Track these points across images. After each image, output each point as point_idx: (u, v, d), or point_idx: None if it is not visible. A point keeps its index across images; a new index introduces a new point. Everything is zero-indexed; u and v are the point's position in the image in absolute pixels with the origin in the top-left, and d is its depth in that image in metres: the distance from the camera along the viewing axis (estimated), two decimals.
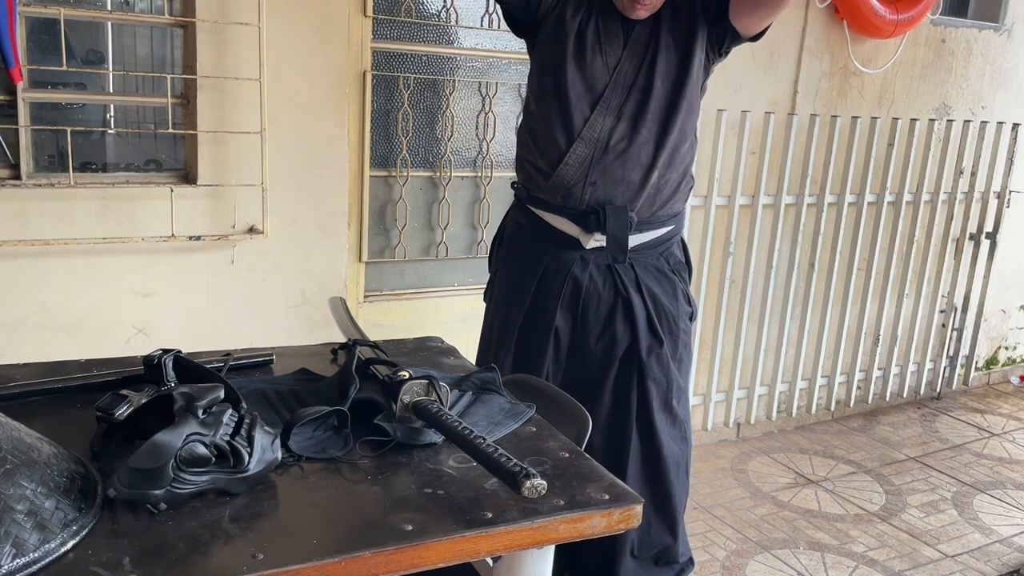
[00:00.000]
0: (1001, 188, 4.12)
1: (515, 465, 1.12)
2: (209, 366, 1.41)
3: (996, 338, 4.61)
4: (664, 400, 2.09)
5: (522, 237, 2.14)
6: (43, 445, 1.07)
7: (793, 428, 3.85)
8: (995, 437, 3.92)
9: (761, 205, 3.39)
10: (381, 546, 1.04)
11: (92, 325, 2.34)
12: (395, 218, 2.84)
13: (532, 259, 2.09)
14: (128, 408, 1.19)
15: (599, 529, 1.18)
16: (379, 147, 2.76)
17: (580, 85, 1.97)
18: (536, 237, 2.10)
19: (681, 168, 2.07)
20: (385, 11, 2.68)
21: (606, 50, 1.98)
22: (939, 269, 4.07)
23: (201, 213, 2.41)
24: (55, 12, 2.16)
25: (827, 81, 3.55)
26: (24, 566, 0.94)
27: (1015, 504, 3.28)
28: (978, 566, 2.83)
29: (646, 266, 2.07)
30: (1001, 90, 4.13)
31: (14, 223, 2.21)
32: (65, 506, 1.01)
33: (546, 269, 2.07)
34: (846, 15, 3.44)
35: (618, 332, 2.06)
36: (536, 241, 2.10)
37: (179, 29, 2.38)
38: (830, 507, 3.16)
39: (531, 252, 2.11)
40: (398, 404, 1.30)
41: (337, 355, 1.68)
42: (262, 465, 1.15)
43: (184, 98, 2.38)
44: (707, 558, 2.76)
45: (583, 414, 1.54)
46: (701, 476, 3.28)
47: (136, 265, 2.37)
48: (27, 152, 2.24)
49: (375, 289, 2.87)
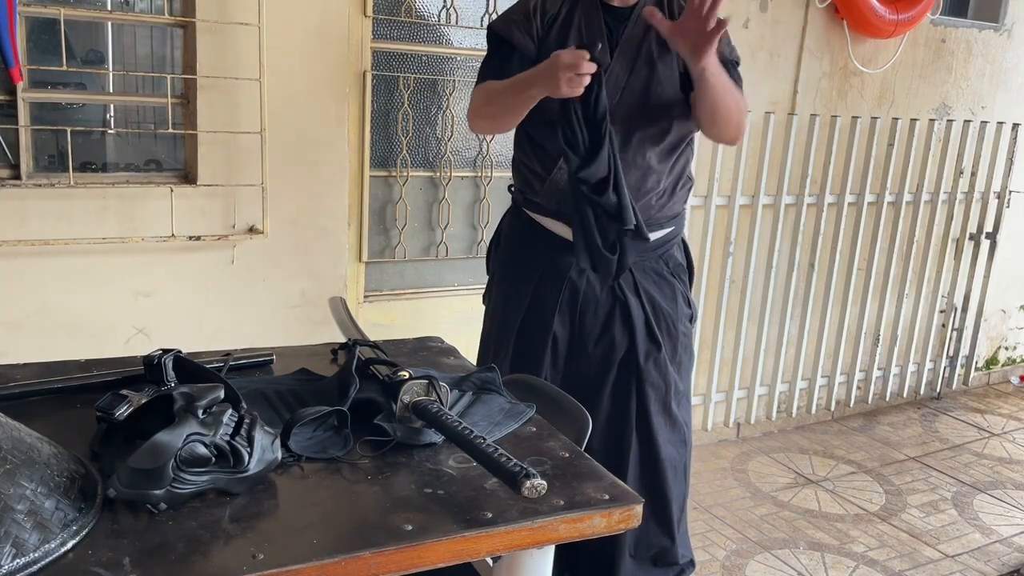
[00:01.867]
0: (1001, 188, 4.12)
1: (515, 465, 1.12)
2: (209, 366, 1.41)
3: (996, 338, 4.61)
4: (663, 404, 2.08)
5: (519, 241, 2.13)
6: (43, 445, 1.07)
7: (793, 428, 3.85)
8: (995, 437, 3.92)
9: (761, 205, 3.39)
10: (381, 546, 1.04)
11: (92, 325, 2.34)
12: (395, 218, 2.84)
13: (529, 263, 2.08)
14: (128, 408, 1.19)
15: (599, 529, 1.18)
16: (379, 147, 2.76)
17: None
18: (533, 241, 2.08)
19: (678, 169, 2.04)
20: (385, 11, 2.68)
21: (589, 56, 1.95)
22: (939, 269, 4.08)
23: (201, 213, 2.41)
24: (55, 12, 2.16)
25: (827, 81, 3.55)
26: (24, 566, 0.93)
27: (1015, 504, 3.28)
28: (978, 566, 2.83)
29: (644, 269, 2.05)
30: (1001, 90, 4.13)
31: (14, 223, 2.21)
32: (65, 506, 1.01)
33: (543, 273, 2.05)
34: (846, 15, 3.44)
35: (616, 337, 2.04)
36: (533, 245, 2.08)
37: (179, 29, 2.38)
38: (830, 507, 3.16)
39: (528, 256, 2.09)
40: (398, 404, 1.30)
41: (337, 355, 1.68)
42: (262, 465, 1.15)
43: (184, 98, 2.38)
44: (707, 558, 2.76)
45: (583, 414, 1.54)
46: (701, 476, 3.28)
47: (136, 265, 2.37)
48: (27, 152, 2.24)
49: (375, 289, 2.87)
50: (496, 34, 2.02)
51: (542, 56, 1.98)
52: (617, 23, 1.98)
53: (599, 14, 1.97)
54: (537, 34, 1.98)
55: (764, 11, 3.29)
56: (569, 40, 1.96)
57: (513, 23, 2.00)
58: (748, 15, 3.25)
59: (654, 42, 1.96)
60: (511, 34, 1.99)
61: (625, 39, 1.96)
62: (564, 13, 1.99)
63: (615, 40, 1.97)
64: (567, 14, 1.99)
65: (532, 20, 1.98)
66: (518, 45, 1.98)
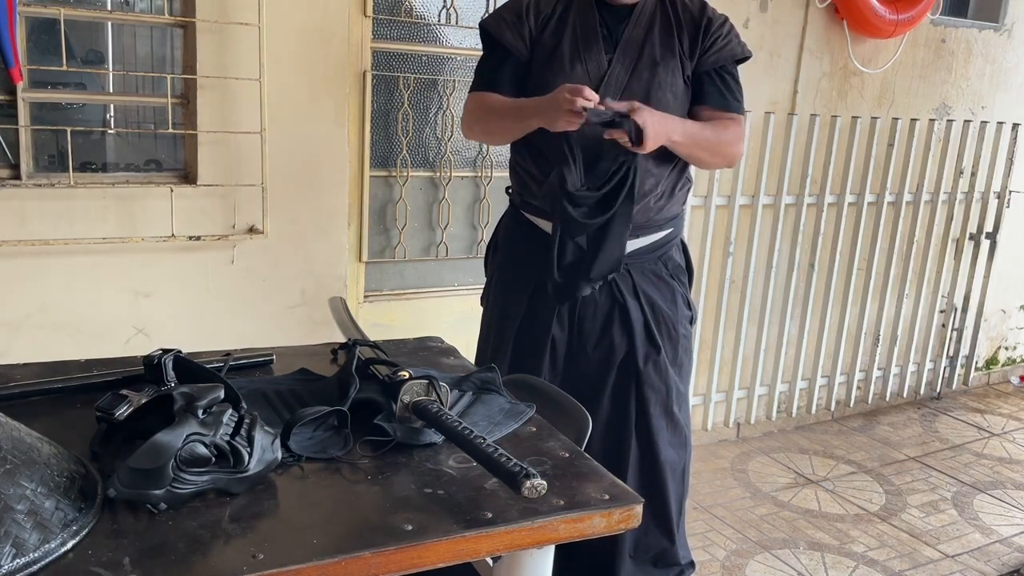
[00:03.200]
0: (1001, 188, 4.12)
1: (515, 465, 1.12)
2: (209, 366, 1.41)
3: (996, 338, 4.61)
4: (664, 407, 2.07)
5: (516, 243, 2.12)
6: (43, 445, 1.07)
7: (793, 428, 3.85)
8: (995, 437, 3.92)
9: (761, 205, 3.39)
10: (381, 546, 1.04)
11: (92, 325, 2.34)
12: (395, 218, 2.84)
13: (527, 265, 2.06)
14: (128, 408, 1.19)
15: (599, 529, 1.18)
16: (379, 147, 2.76)
17: None
18: (531, 243, 2.06)
19: (677, 171, 2.03)
20: (385, 11, 2.68)
21: (585, 57, 1.94)
22: (939, 269, 4.07)
23: (201, 213, 2.41)
24: (55, 12, 2.16)
25: (827, 81, 3.55)
26: (24, 566, 0.93)
27: (1015, 504, 3.28)
28: (978, 566, 2.83)
29: (643, 272, 2.04)
30: (1001, 90, 4.13)
31: (14, 223, 2.21)
32: (65, 506, 1.01)
33: (541, 276, 2.03)
34: (846, 15, 3.44)
35: (615, 339, 2.03)
36: (531, 247, 2.06)
37: (179, 29, 2.38)
38: (830, 507, 3.16)
39: (526, 258, 2.07)
40: (398, 404, 1.30)
41: (337, 355, 1.68)
42: (262, 465, 1.15)
43: (184, 98, 2.38)
44: (707, 558, 2.76)
45: (583, 414, 1.54)
46: (701, 476, 3.28)
47: (136, 265, 2.37)
48: (27, 152, 2.24)
49: (375, 289, 2.87)
50: (488, 35, 2.02)
51: (535, 58, 1.97)
52: (616, 22, 1.96)
53: (594, 14, 1.96)
54: (530, 35, 1.97)
55: (764, 11, 3.29)
56: (564, 41, 1.95)
57: (505, 24, 1.99)
58: (748, 15, 3.25)
59: (656, 44, 1.95)
60: (502, 36, 1.98)
61: (626, 40, 1.95)
62: (559, 13, 1.98)
63: (615, 40, 1.96)
64: (562, 13, 1.98)
65: (524, 21, 1.97)
66: (510, 47, 1.98)
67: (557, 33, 1.96)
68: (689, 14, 1.99)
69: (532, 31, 1.97)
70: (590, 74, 1.93)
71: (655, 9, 1.98)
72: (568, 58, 1.94)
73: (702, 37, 1.97)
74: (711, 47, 1.97)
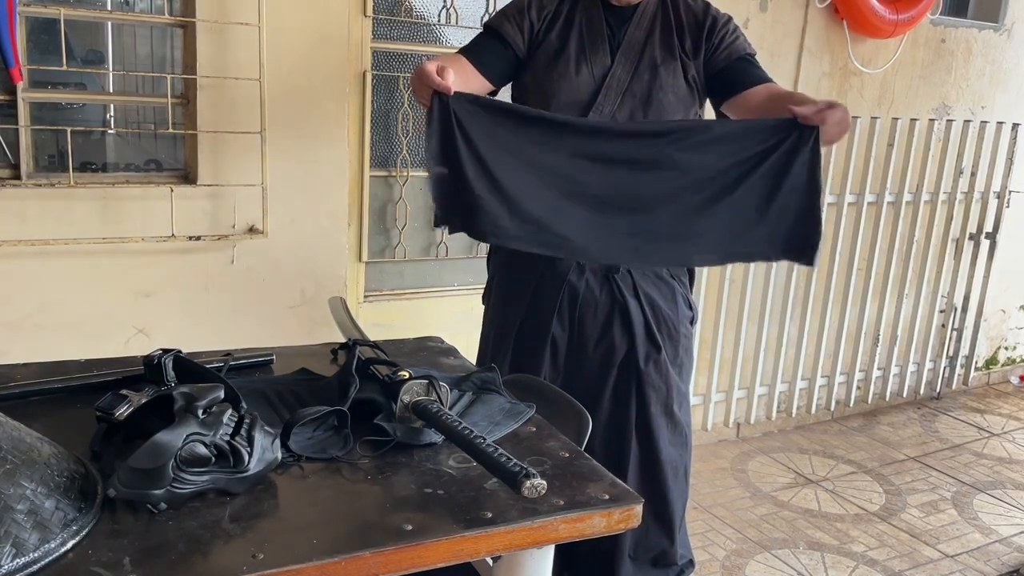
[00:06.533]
0: (1001, 188, 4.12)
1: (515, 465, 1.12)
2: (209, 366, 1.41)
3: (996, 338, 4.61)
4: (665, 406, 2.07)
5: None
6: (43, 445, 1.07)
7: (793, 428, 3.85)
8: (995, 437, 3.92)
9: None
10: (381, 546, 1.04)
11: (92, 325, 2.34)
12: (395, 218, 2.84)
13: (528, 265, 2.05)
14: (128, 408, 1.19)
15: (599, 529, 1.18)
16: (379, 147, 2.76)
17: (566, 97, 1.93)
18: None
19: None
20: (385, 11, 2.68)
21: (591, 59, 1.94)
22: (939, 269, 4.07)
23: (201, 213, 2.41)
24: (55, 12, 2.16)
25: (827, 81, 3.55)
26: (24, 566, 0.94)
27: (1015, 504, 3.28)
28: (978, 566, 2.83)
29: (644, 271, 2.04)
30: (1001, 90, 4.13)
31: (14, 223, 2.21)
32: (65, 506, 1.01)
33: (542, 275, 2.03)
34: (846, 15, 3.44)
35: (616, 339, 2.03)
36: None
37: (179, 29, 2.38)
38: (830, 507, 3.16)
39: (527, 258, 2.07)
40: (398, 404, 1.31)
41: (337, 355, 1.68)
42: (262, 465, 1.15)
43: (184, 98, 2.38)
44: (707, 558, 2.76)
45: (583, 414, 1.54)
46: (701, 476, 3.28)
47: (136, 265, 2.37)
48: (27, 152, 2.24)
49: (375, 289, 2.87)
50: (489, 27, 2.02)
51: (538, 57, 1.97)
52: (619, 23, 1.97)
53: (600, 14, 1.97)
54: (531, 29, 1.97)
55: (764, 11, 3.29)
56: (571, 41, 1.95)
57: (505, 17, 1.99)
58: (748, 15, 3.25)
59: (657, 46, 1.95)
60: (502, 26, 1.98)
61: (627, 41, 1.95)
62: (564, 12, 1.98)
63: (617, 41, 1.96)
64: (567, 13, 1.98)
65: (527, 15, 1.97)
66: (507, 37, 1.97)
67: (563, 34, 1.96)
68: (692, 15, 1.99)
69: (534, 25, 1.97)
70: (594, 76, 1.94)
71: (656, 10, 1.98)
72: (574, 60, 1.94)
73: (707, 37, 1.97)
74: (720, 44, 1.97)
